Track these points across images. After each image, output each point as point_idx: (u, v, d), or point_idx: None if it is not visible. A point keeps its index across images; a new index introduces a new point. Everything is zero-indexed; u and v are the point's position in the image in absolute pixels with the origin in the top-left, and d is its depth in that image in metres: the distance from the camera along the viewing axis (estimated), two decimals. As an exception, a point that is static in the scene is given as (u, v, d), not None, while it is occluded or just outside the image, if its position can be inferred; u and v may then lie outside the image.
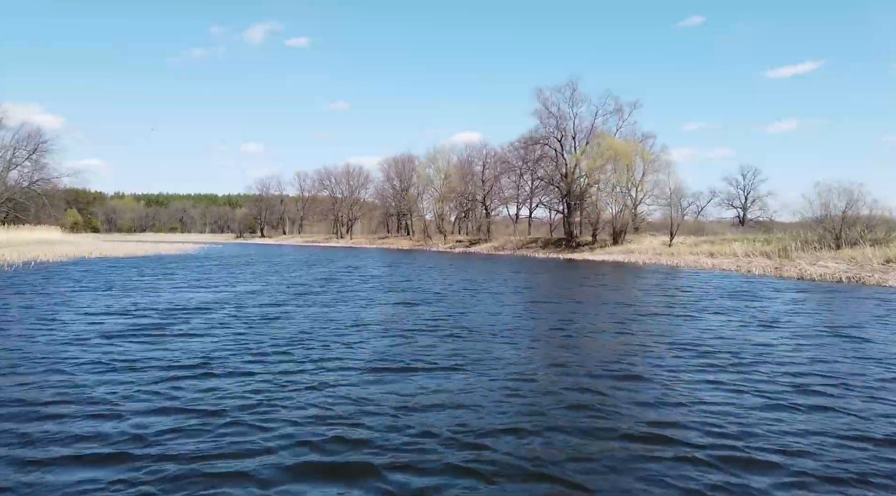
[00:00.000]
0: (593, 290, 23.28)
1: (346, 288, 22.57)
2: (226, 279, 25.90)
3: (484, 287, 24.01)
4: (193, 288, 21.67)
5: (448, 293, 21.17)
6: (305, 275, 29.27)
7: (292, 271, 32.58)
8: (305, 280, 26.21)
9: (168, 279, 25.26)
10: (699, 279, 28.84)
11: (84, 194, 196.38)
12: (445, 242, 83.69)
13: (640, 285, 25.98)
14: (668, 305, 18.03)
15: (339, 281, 26.27)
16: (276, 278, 27.06)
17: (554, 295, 21.61)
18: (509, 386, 8.28)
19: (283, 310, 15.58)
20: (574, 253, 57.14)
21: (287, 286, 22.95)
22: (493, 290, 22.51)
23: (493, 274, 32.68)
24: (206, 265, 36.91)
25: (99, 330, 12.18)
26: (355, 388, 8.04)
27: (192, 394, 7.59)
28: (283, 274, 30.30)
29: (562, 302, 19.18)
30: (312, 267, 37.11)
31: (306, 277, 27.94)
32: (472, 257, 57.07)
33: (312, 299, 18.30)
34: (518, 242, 69.86)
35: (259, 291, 20.59)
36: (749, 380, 8.79)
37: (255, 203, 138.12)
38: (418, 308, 16.64)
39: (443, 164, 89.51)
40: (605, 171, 56.93)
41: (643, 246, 51.73)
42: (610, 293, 22.04)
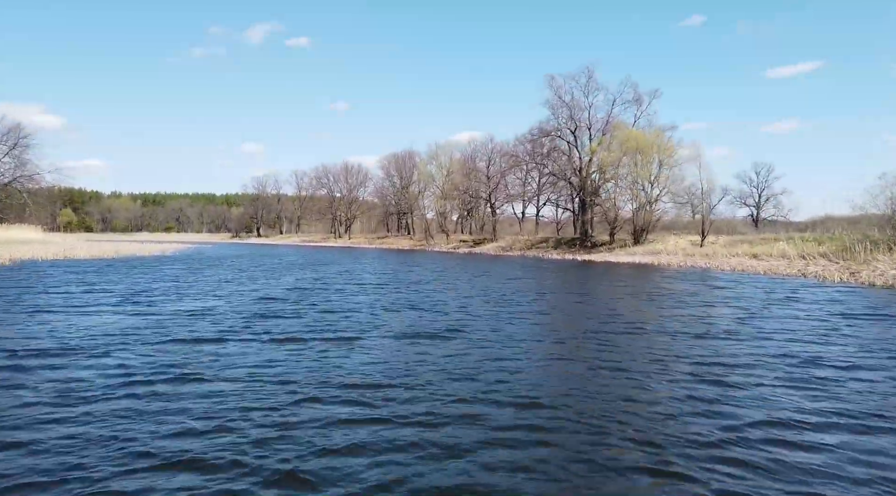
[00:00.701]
0: (653, 305, 17.42)
1: (333, 304, 16.72)
2: (177, 290, 20.02)
3: (510, 300, 18.19)
4: (120, 303, 15.81)
5: (471, 313, 15.33)
6: (287, 283, 23.47)
7: (273, 276, 26.78)
8: (284, 290, 20.38)
9: (101, 290, 19.37)
10: (761, 285, 23.04)
11: (79, 194, 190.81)
12: (448, 242, 77.89)
13: (706, 295, 20.16)
14: (764, 322, 12.20)
15: (326, 290, 20.49)
16: (245, 288, 21.21)
17: (615, 313, 15.74)
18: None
19: (211, 356, 9.65)
20: (591, 253, 51.33)
21: (252, 301, 17.09)
22: (526, 307, 16.69)
23: (511, 279, 26.87)
24: (171, 269, 31.09)
25: None
26: None
27: None
28: (260, 280, 24.48)
29: (630, 319, 13.35)
30: (301, 270, 31.35)
31: (286, 286, 22.12)
32: (478, 258, 51.28)
33: (277, 328, 12.43)
34: (527, 242, 64.04)
35: (204, 311, 14.72)
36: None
37: (251, 202, 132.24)
38: (436, 348, 10.74)
39: (445, 161, 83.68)
40: (624, 164, 51.08)
41: (669, 246, 45.93)
42: (673, 306, 16.22)
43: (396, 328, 12.58)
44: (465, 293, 20.38)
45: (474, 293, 20.42)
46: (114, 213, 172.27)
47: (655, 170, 48.71)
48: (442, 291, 20.94)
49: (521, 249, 61.38)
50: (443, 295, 19.70)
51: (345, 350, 10.14)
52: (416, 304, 16.89)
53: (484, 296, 19.52)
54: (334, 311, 15.09)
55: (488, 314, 15.05)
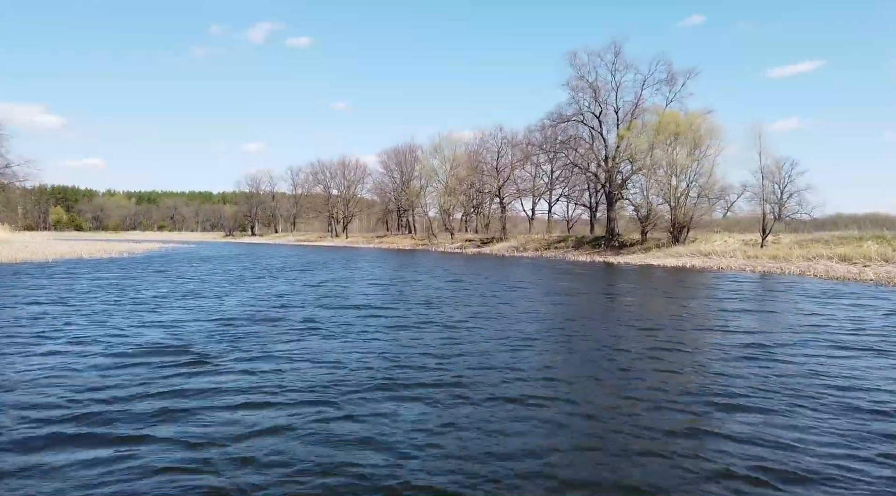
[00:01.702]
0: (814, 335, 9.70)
1: (299, 353, 9.02)
2: (53, 320, 12.25)
3: (561, 326, 10.51)
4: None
5: (559, 376, 7.61)
6: (245, 299, 15.73)
7: (242, 288, 19.05)
8: (245, 309, 12.72)
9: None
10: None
11: (73, 192, 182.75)
12: (452, 241, 70.11)
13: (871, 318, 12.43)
14: None
15: (301, 309, 12.77)
16: (159, 315, 13.44)
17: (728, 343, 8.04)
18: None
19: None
20: (620, 255, 43.60)
21: (148, 349, 9.36)
22: (593, 335, 8.99)
23: (543, 287, 19.14)
24: (103, 274, 23.30)
25: None
26: None
27: None
28: (205, 298, 16.72)
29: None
30: (277, 278, 23.60)
31: (248, 306, 14.38)
32: (490, 260, 43.54)
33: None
34: (542, 242, 56.27)
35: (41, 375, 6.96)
36: None
37: (245, 200, 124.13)
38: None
39: (449, 154, 75.82)
40: (655, 153, 43.32)
41: (717, 246, 38.22)
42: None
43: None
44: (510, 320, 12.68)
45: (522, 320, 12.70)
46: (106, 212, 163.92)
47: (698, 158, 40.96)
48: (474, 323, 13.20)
49: (536, 249, 53.64)
50: (478, 328, 11.99)
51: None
52: (445, 361, 9.17)
53: (541, 326, 11.79)
54: (301, 371, 7.36)
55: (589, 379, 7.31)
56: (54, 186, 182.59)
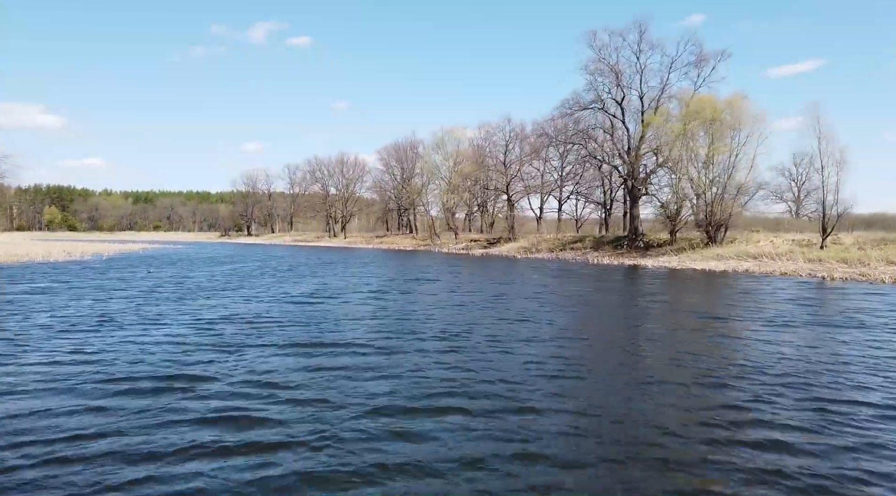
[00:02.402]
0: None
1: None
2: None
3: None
4: None
5: None
6: (191, 323, 10.42)
7: (183, 308, 13.70)
8: (147, 354, 7.36)
9: None
10: None
11: (68, 191, 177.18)
12: (457, 242, 64.84)
13: None
14: None
15: (240, 355, 7.37)
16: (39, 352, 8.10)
17: None
18: None
19: None
20: (647, 257, 38.29)
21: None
22: None
23: (603, 304, 13.81)
24: (47, 287, 17.97)
25: None
26: None
27: None
28: (147, 322, 11.42)
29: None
30: (256, 285, 18.27)
31: (160, 345, 9.06)
32: (499, 262, 38.21)
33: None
34: (555, 242, 50.97)
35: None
36: None
37: (241, 199, 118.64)
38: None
39: (452, 149, 70.49)
40: (687, 142, 38.04)
41: (762, 247, 32.94)
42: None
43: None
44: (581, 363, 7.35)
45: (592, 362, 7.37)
46: (101, 212, 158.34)
47: (738, 147, 35.67)
48: (527, 365, 7.86)
49: (550, 250, 48.33)
50: (533, 381, 6.65)
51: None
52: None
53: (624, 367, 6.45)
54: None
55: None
56: (49, 186, 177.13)
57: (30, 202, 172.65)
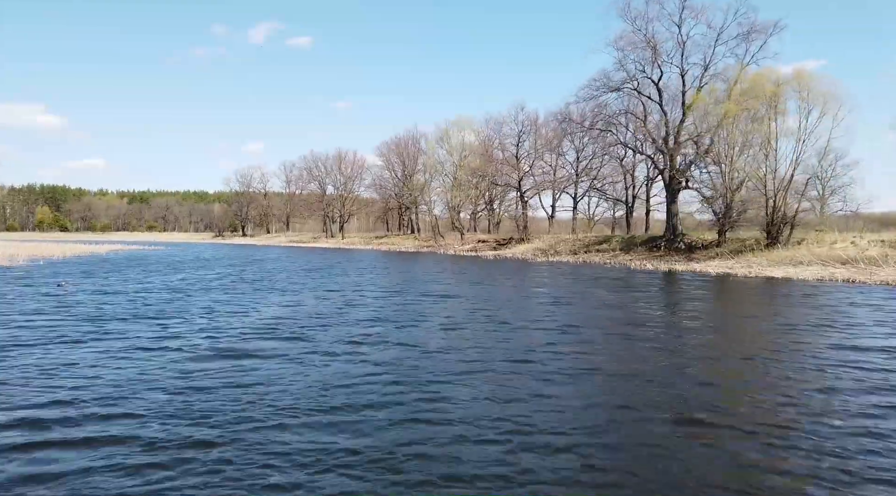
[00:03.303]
0: None
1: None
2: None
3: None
4: None
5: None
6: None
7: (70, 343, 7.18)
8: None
9: None
10: None
11: (62, 191, 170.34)
12: (463, 242, 58.33)
13: None
14: None
15: None
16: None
17: None
18: None
19: None
20: (692, 261, 31.79)
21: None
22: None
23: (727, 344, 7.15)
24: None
25: None
26: None
27: None
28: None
29: None
30: (209, 301, 11.77)
31: None
32: (517, 266, 31.65)
33: None
34: (576, 243, 44.45)
35: None
36: None
37: (235, 199, 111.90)
38: None
39: (457, 143, 63.95)
40: (735, 126, 31.60)
41: (843, 250, 26.44)
42: None
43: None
44: None
45: None
46: (94, 212, 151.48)
47: (809, 129, 29.19)
48: None
49: (571, 253, 41.81)
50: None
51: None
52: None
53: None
54: None
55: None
56: (43, 185, 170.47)
57: (23, 202, 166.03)
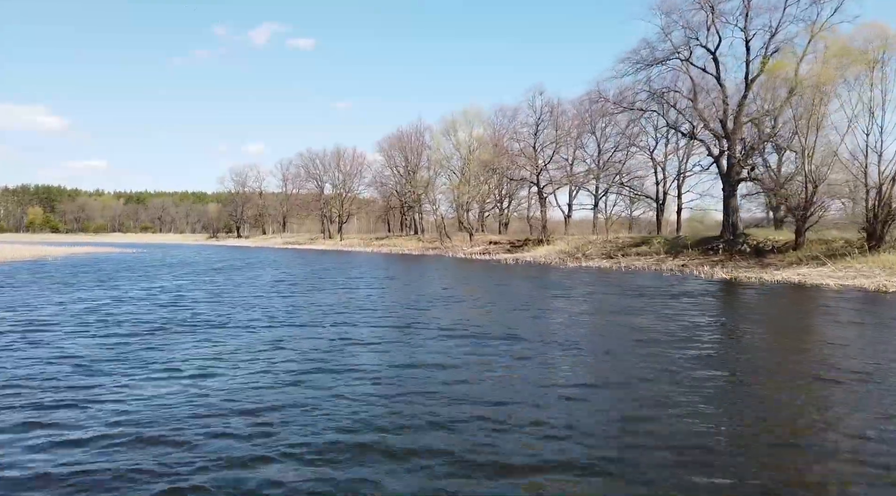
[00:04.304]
0: None
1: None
2: None
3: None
4: None
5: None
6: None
7: None
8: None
9: None
10: None
11: (57, 192, 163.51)
12: (472, 244, 51.54)
13: None
14: None
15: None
16: None
17: None
18: None
19: None
20: (766, 267, 24.99)
21: None
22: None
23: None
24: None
25: None
26: None
27: None
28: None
29: None
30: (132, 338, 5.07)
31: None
32: (549, 274, 24.78)
33: None
34: (606, 245, 37.64)
35: None
36: None
37: (230, 199, 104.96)
38: None
39: (465, 136, 57.19)
40: (818, 99, 24.76)
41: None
42: None
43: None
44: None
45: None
46: (88, 212, 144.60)
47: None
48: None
49: (605, 256, 35.00)
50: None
51: None
52: None
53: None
54: None
55: None
56: (38, 186, 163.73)
57: (17, 203, 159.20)
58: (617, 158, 48.97)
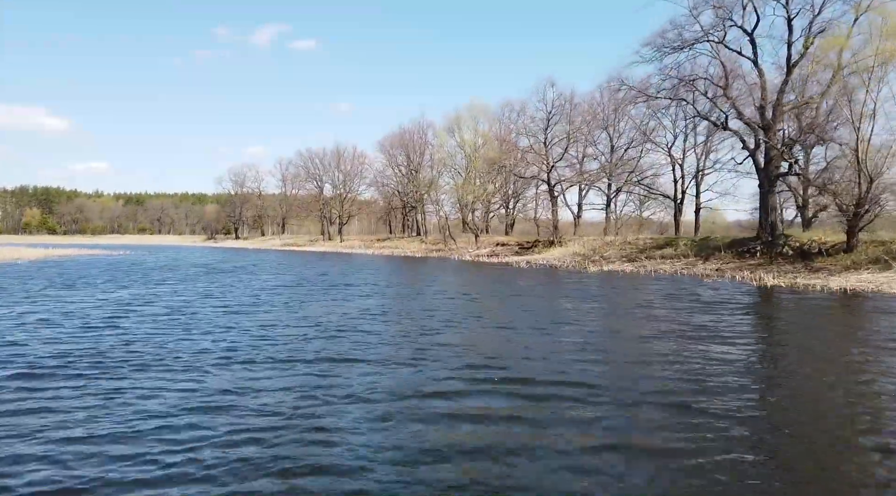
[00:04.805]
0: None
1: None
2: None
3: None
4: None
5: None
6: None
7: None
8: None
9: None
10: None
11: (56, 193, 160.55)
12: (478, 246, 48.37)
13: None
14: None
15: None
16: None
17: None
18: None
19: None
20: (814, 271, 21.84)
21: None
22: None
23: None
24: None
25: None
26: None
27: None
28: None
29: None
30: None
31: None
32: (567, 279, 21.63)
33: None
34: (625, 247, 34.47)
35: None
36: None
37: (228, 200, 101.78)
38: None
39: (469, 134, 54.12)
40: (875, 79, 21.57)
41: None
42: None
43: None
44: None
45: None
46: (86, 214, 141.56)
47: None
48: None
49: (627, 259, 31.83)
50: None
51: None
52: None
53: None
54: None
55: None
56: (36, 187, 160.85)
57: (16, 204, 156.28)
58: (630, 155, 45.86)
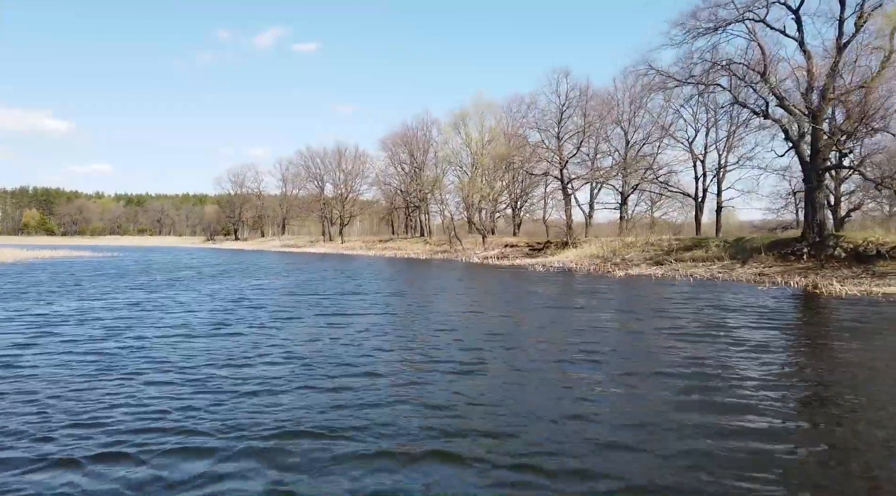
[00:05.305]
0: None
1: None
2: None
3: None
4: None
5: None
6: None
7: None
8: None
9: None
10: None
11: (56, 194, 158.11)
12: (486, 247, 45.44)
13: None
14: None
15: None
16: None
17: None
18: None
19: None
20: (877, 277, 18.91)
21: None
22: None
23: None
24: None
25: None
26: None
27: None
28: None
29: None
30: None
31: None
32: (598, 286, 18.73)
33: None
34: (648, 248, 31.52)
35: None
36: None
37: (227, 200, 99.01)
38: None
39: (475, 131, 51.20)
40: None
41: None
42: None
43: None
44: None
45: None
46: (86, 215, 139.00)
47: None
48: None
49: (653, 262, 28.85)
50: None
51: None
52: None
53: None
54: None
55: None
56: (37, 188, 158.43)
57: (16, 205, 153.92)
58: (646, 151, 42.93)
